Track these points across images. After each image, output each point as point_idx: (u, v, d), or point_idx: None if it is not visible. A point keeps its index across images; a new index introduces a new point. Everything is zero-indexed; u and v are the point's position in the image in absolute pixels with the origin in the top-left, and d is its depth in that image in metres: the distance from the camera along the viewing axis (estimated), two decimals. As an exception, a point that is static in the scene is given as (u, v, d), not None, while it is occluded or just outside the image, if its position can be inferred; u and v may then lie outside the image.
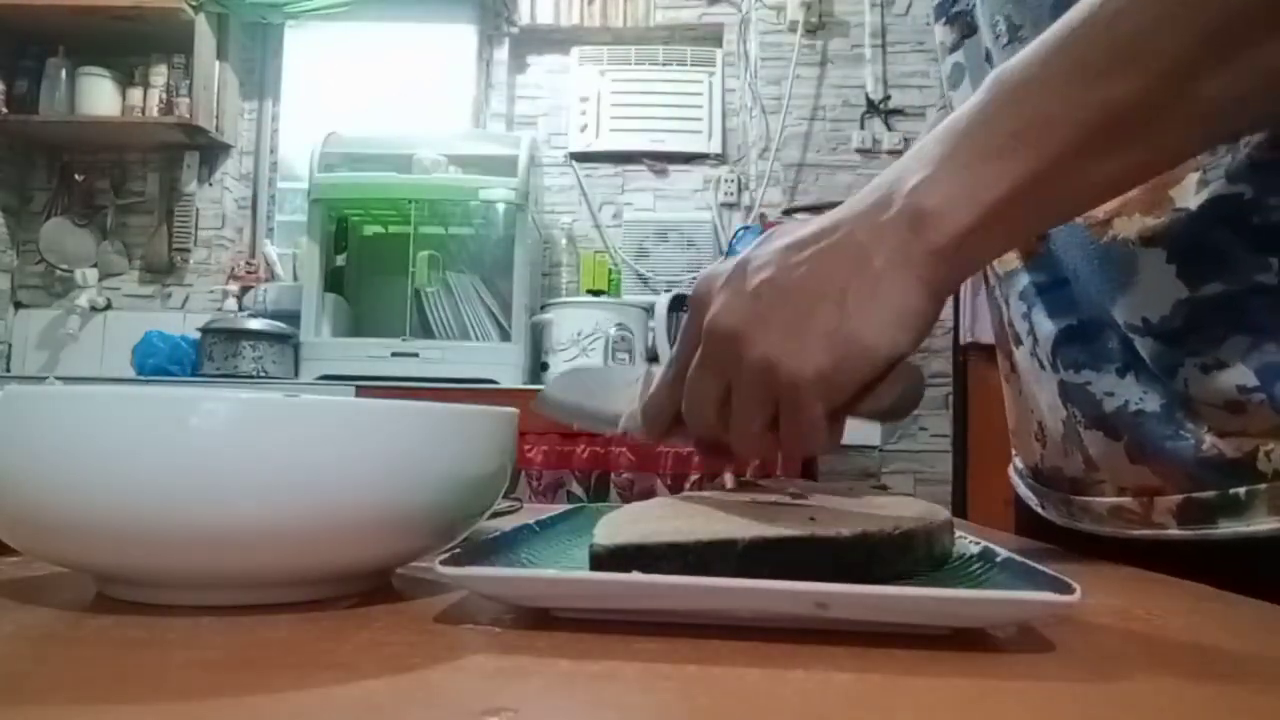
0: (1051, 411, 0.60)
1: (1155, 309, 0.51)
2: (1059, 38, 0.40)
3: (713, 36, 2.80)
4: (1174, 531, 0.53)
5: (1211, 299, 0.49)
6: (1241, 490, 0.49)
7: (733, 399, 0.45)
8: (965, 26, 0.64)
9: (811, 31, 2.55)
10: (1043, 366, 0.60)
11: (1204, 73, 0.38)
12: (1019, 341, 0.63)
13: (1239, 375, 0.48)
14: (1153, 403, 0.52)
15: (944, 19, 0.67)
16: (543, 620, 0.34)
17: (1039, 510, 0.67)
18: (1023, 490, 0.71)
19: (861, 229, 0.43)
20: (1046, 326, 0.58)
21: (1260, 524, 0.49)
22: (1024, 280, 0.60)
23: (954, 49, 0.65)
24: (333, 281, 2.44)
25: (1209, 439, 0.50)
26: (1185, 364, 0.50)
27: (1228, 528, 0.50)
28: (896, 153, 2.44)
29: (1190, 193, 0.49)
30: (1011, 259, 0.61)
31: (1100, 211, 0.53)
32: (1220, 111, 0.39)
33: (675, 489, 1.94)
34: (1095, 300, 0.54)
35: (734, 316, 0.44)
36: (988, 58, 0.61)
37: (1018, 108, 0.41)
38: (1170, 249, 0.50)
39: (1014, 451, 0.73)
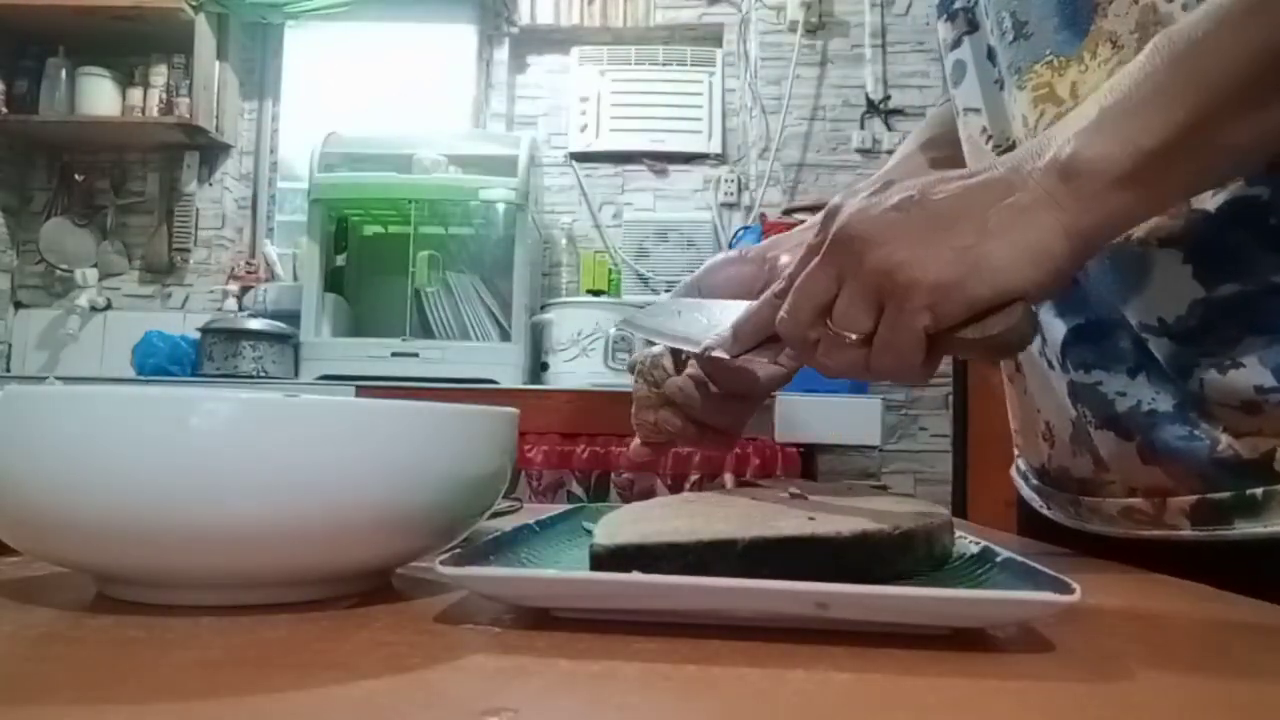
0: (1060, 412, 0.60)
1: (1171, 309, 0.51)
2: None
3: (713, 36, 2.80)
4: (1187, 532, 0.53)
5: (1228, 299, 0.49)
6: (1258, 491, 0.49)
7: (838, 301, 0.44)
8: (967, 23, 0.64)
9: (811, 31, 2.55)
10: (1051, 366, 0.59)
11: None
12: None
13: (1256, 375, 0.48)
14: (1165, 403, 0.52)
15: (945, 15, 0.66)
16: (543, 620, 0.34)
17: (1044, 511, 0.67)
18: (1026, 491, 0.70)
19: (1014, 173, 0.43)
20: (1056, 326, 0.58)
21: (1277, 525, 0.48)
22: None
23: (955, 45, 0.65)
24: (333, 281, 2.43)
25: (1224, 439, 0.50)
26: (1201, 364, 0.50)
27: (1243, 528, 0.50)
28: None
29: (1206, 194, 0.49)
30: None
31: None
32: None
33: (675, 489, 1.94)
34: (1106, 300, 0.54)
35: (867, 222, 0.43)
36: (990, 55, 0.61)
37: (1183, 60, 0.41)
38: (1186, 250, 0.50)
39: (1017, 452, 0.73)
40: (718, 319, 0.54)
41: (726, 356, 0.53)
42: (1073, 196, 0.41)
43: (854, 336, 0.44)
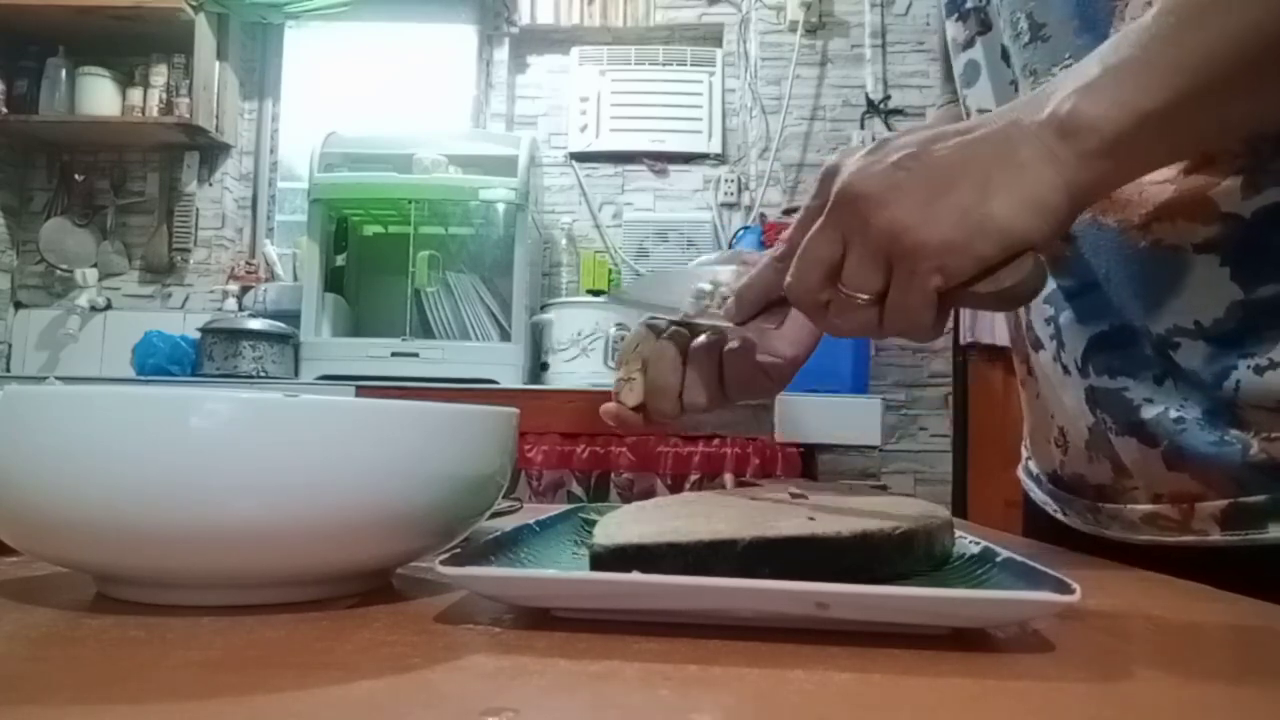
0: (1076, 417, 0.59)
1: (1208, 312, 0.50)
2: None
3: (713, 36, 2.80)
4: (1215, 537, 0.52)
5: (1267, 300, 0.49)
6: None
7: (846, 263, 0.44)
8: (979, 23, 0.63)
9: (811, 31, 2.55)
10: (1068, 372, 0.59)
11: None
12: (1039, 346, 0.62)
13: None
14: (1194, 409, 0.52)
15: (956, 14, 0.66)
16: (543, 620, 0.34)
17: (1059, 517, 0.66)
18: (1038, 495, 0.70)
19: (1013, 126, 0.42)
20: (1075, 332, 0.57)
21: None
22: (1049, 285, 0.59)
23: (967, 46, 0.64)
24: (333, 281, 2.44)
25: (1256, 444, 0.50)
26: (1239, 365, 0.50)
27: (1277, 532, 0.49)
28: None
29: (1236, 197, 0.49)
30: None
31: (1135, 216, 0.52)
32: None
33: (675, 489, 1.93)
34: (1132, 305, 0.54)
35: (869, 181, 0.43)
36: (1004, 55, 0.60)
37: (1192, 25, 0.41)
38: (1224, 253, 0.50)
39: (1026, 455, 0.72)
40: (706, 287, 0.54)
41: (731, 325, 0.52)
42: (1071, 153, 0.41)
43: (865, 297, 0.44)
